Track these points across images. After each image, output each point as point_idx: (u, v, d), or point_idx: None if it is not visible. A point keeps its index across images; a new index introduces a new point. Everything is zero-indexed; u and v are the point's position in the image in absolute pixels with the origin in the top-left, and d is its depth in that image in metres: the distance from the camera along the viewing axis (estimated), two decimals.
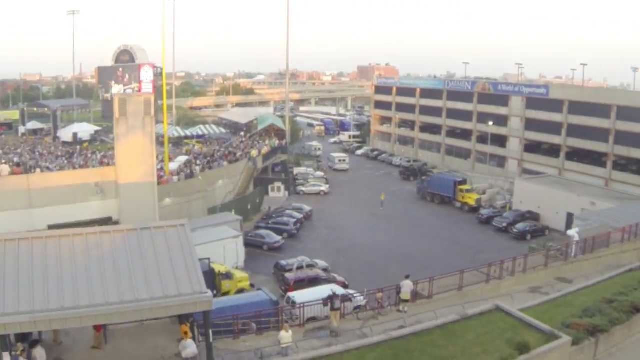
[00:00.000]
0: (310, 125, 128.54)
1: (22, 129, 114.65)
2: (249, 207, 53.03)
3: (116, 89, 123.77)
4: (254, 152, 56.91)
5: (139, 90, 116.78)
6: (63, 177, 26.29)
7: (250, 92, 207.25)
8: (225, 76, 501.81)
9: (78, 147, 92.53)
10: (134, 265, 22.18)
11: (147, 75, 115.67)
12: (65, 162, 77.52)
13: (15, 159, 77.16)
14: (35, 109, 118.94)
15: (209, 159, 67.49)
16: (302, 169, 75.83)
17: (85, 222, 26.77)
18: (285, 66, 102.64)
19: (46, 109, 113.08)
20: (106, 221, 27.45)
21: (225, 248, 37.08)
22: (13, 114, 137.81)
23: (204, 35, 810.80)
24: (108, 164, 74.70)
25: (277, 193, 59.09)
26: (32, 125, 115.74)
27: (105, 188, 25.48)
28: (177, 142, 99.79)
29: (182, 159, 73.29)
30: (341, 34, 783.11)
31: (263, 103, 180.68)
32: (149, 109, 24.70)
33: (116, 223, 26.68)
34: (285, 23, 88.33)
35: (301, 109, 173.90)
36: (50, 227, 25.50)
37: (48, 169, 71.34)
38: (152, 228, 23.88)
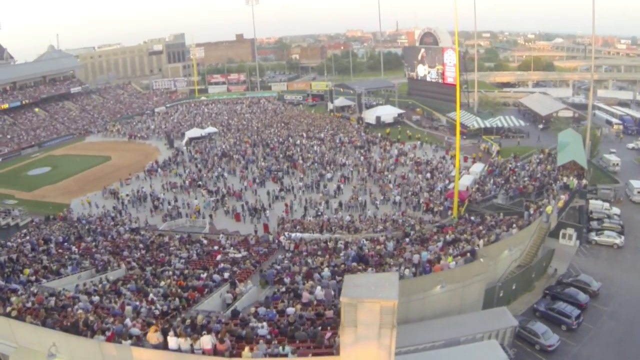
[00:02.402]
0: (608, 123, 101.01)
1: (330, 105, 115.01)
2: (533, 275, 40.37)
3: (421, 69, 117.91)
4: (549, 208, 43.34)
5: (443, 73, 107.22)
6: None
7: (550, 66, 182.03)
8: (527, 37, 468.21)
9: (379, 134, 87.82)
10: None
11: (450, 58, 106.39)
12: (362, 158, 73.66)
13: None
14: (341, 90, 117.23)
15: (502, 181, 56.18)
16: (597, 204, 56.32)
17: None
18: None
19: (351, 91, 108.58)
20: None
21: None
22: (324, 85, 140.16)
23: None
24: (403, 163, 69.58)
25: (568, 242, 44.09)
26: (340, 102, 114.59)
27: None
28: (476, 135, 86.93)
29: (478, 168, 63.93)
30: None
31: (562, 82, 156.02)
32: (388, 319, 14.98)
33: None
34: None
35: (599, 93, 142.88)
36: None
37: (343, 165, 69.07)
38: None
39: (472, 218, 46.22)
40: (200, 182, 66.12)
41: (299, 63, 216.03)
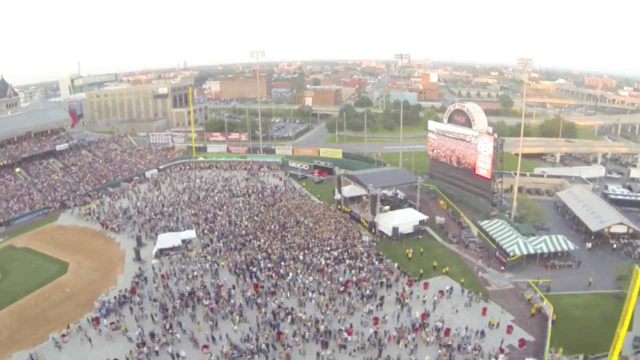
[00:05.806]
0: None
1: (337, 195, 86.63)
2: None
3: None
4: None
5: (474, 162, 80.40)
6: None
7: (571, 128, 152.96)
8: (531, 76, 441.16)
9: (396, 264, 62.45)
10: None
11: (485, 147, 79.74)
12: (371, 330, 50.22)
13: None
14: (351, 182, 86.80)
15: None
16: None
17: None
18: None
19: (365, 189, 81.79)
20: None
21: None
22: (335, 154, 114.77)
23: None
24: (427, 341, 46.08)
25: None
26: (350, 191, 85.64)
27: None
28: (517, 264, 61.96)
29: None
30: None
31: (585, 158, 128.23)
32: None
33: None
34: None
35: (632, 172, 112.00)
36: None
37: (344, 346, 46.56)
38: None
39: None
40: None
41: (311, 110, 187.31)
